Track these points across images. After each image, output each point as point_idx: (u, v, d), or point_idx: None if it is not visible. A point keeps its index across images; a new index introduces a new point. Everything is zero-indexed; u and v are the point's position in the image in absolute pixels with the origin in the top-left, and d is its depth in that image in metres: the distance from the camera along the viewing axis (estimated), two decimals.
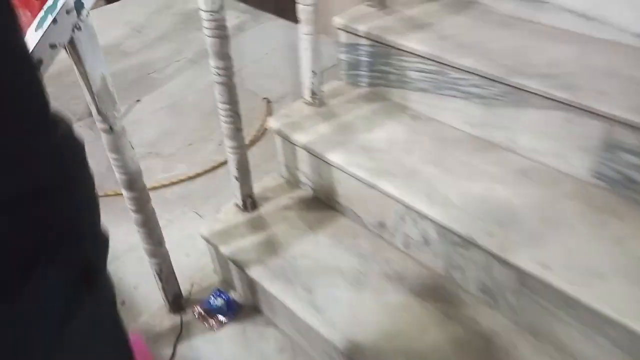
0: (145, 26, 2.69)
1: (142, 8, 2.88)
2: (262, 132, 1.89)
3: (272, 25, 2.60)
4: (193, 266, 1.41)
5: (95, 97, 0.86)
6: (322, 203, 1.26)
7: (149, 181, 1.80)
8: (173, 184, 1.70)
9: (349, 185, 1.16)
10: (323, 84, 1.30)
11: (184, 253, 1.46)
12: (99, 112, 0.88)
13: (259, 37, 2.50)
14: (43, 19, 0.76)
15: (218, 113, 1.11)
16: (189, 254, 1.46)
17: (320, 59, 1.24)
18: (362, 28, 1.25)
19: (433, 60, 1.15)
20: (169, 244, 1.51)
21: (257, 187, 1.30)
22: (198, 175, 1.73)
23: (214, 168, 1.75)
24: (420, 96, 1.22)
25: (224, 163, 1.74)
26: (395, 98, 1.27)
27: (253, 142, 1.84)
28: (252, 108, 2.01)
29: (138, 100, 2.12)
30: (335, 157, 1.14)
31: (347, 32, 1.28)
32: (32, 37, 0.76)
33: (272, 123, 1.27)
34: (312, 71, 1.24)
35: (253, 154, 1.73)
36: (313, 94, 1.28)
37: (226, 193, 1.44)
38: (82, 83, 0.86)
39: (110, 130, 0.91)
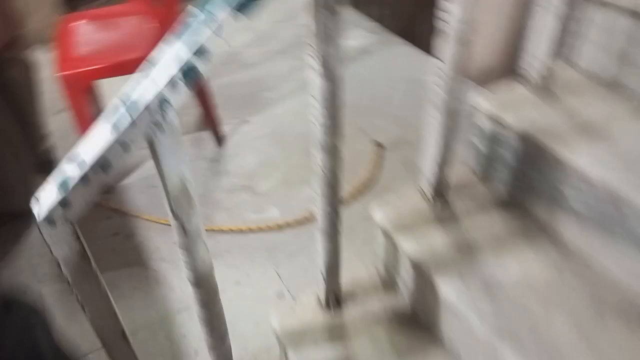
0: (268, 36, 2.59)
1: (269, 15, 2.78)
2: (367, 185, 1.68)
3: (400, 52, 2.35)
4: (259, 342, 1.26)
5: (170, 198, 0.72)
6: (419, 324, 1.04)
7: (235, 220, 1.71)
8: (260, 229, 1.57)
9: (457, 324, 0.92)
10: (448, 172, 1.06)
11: (253, 320, 1.32)
12: (172, 211, 0.74)
13: (383, 65, 2.27)
14: (120, 119, 0.62)
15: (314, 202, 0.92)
16: (258, 322, 1.32)
17: (453, 148, 1.00)
18: (511, 119, 0.98)
19: (604, 189, 0.85)
20: (239, 306, 1.38)
21: (345, 275, 1.10)
22: (288, 225, 1.58)
23: (307, 220, 1.58)
24: (577, 226, 0.93)
25: None
26: (542, 217, 0.99)
27: (354, 196, 1.64)
28: (359, 151, 1.81)
29: (246, 121, 2.01)
30: (445, 286, 0.91)
31: (491, 117, 1.02)
32: (100, 132, 0.62)
33: (376, 213, 1.06)
34: (437, 162, 1.01)
35: (350, 213, 1.55)
36: (431, 188, 1.05)
37: (315, 255, 1.28)
38: (158, 177, 0.72)
39: (183, 231, 0.76)
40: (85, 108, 1.57)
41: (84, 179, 0.63)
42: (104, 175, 0.64)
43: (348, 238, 1.04)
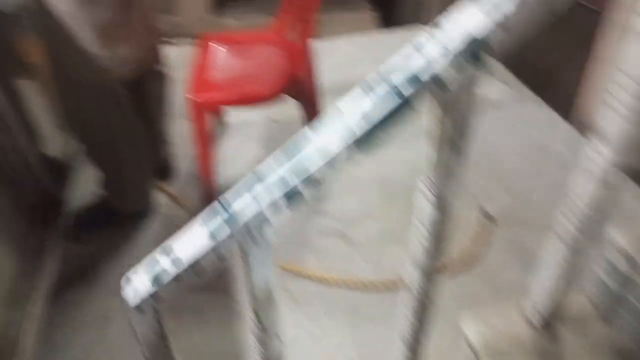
0: None
1: (395, 48, 2.70)
2: (467, 262, 1.56)
3: (533, 111, 2.16)
4: None
5: (253, 299, 0.71)
6: None
7: (319, 266, 1.67)
8: (345, 284, 1.53)
9: None
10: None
11: None
12: (253, 310, 0.72)
13: (511, 123, 2.10)
14: (218, 229, 0.61)
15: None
16: None
17: (573, 282, 0.87)
18: None
19: None
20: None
21: None
22: (375, 286, 1.52)
23: (396, 286, 1.51)
24: None
25: None
26: None
27: (450, 270, 1.53)
28: (464, 219, 1.69)
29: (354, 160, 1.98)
30: None
31: (627, 257, 0.88)
32: (198, 236, 0.62)
33: (468, 328, 0.97)
34: (549, 291, 0.89)
35: (443, 289, 1.41)
36: (538, 314, 0.93)
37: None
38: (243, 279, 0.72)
39: (261, 328, 0.75)
40: (207, 129, 1.65)
41: (177, 278, 0.63)
42: (197, 278, 0.64)
43: (434, 319, 0.94)
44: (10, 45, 1.47)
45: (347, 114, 0.55)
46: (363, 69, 2.50)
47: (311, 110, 1.72)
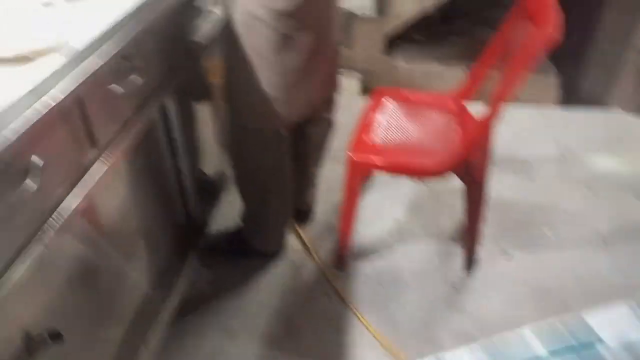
0: (572, 151, 2.20)
1: (576, 127, 2.37)
2: None
3: None
4: None
5: None
6: None
7: None
8: None
9: None
10: None
11: None
12: None
13: None
14: None
15: None
16: None
17: None
18: None
19: None
20: None
21: None
22: None
23: None
24: None
25: None
26: None
27: None
28: None
29: (507, 254, 1.73)
30: None
31: None
32: None
33: None
34: None
35: None
36: None
37: None
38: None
39: None
40: (358, 188, 1.54)
41: None
42: None
43: None
44: (199, 71, 1.52)
45: None
46: (536, 148, 2.22)
47: (475, 192, 1.53)
